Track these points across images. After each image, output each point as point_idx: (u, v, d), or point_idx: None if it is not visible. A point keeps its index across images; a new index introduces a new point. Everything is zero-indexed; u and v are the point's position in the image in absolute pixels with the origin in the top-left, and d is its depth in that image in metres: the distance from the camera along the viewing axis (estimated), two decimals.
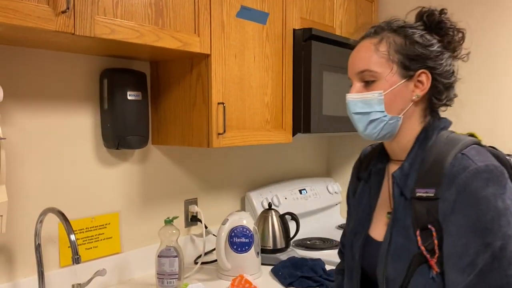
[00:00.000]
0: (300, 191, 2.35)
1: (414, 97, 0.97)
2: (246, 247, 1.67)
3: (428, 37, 0.97)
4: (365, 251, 1.03)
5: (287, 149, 2.44)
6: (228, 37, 1.58)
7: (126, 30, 1.27)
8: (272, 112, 1.80)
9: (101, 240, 1.59)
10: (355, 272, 1.04)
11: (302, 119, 1.88)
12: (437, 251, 0.88)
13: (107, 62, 1.59)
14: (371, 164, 1.09)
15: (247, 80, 1.67)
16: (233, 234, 1.68)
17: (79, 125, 1.53)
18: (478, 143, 0.94)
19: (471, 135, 0.98)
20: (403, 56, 0.96)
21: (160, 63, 1.68)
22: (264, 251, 1.85)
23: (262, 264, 1.78)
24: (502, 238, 0.82)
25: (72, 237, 1.27)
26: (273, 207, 2.03)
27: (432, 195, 0.88)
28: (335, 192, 2.53)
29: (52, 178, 1.47)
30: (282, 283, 1.62)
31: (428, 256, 0.88)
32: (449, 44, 0.99)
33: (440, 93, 0.99)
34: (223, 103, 1.55)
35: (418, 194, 0.91)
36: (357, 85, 1.00)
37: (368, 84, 0.98)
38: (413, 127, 0.99)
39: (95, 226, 1.57)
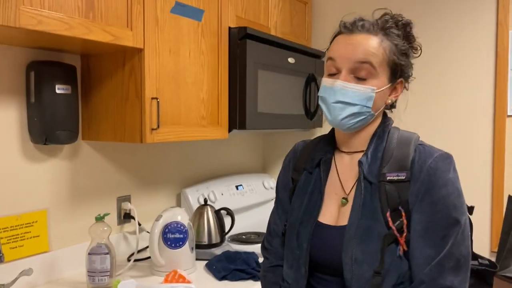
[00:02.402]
0: (237, 187, 2.38)
1: (389, 101, 1.06)
2: (180, 243, 1.68)
3: (407, 46, 1.05)
4: (316, 237, 1.04)
5: (224, 146, 2.47)
6: (163, 31, 1.58)
7: (54, 21, 1.24)
8: (208, 108, 1.81)
9: (27, 238, 1.53)
10: (303, 261, 1.04)
11: (238, 116, 1.91)
12: (405, 230, 0.95)
13: (35, 54, 1.53)
14: (317, 155, 1.12)
15: (182, 75, 1.67)
16: (167, 230, 1.68)
17: (4, 119, 1.46)
18: None
19: None
20: (395, 62, 1.02)
21: (92, 57, 1.64)
22: (199, 246, 1.86)
23: (197, 259, 1.80)
24: (464, 213, 0.97)
25: None
26: (209, 203, 2.05)
27: (403, 178, 0.97)
28: (271, 188, 2.59)
29: None
30: (216, 276, 1.64)
31: (398, 235, 0.95)
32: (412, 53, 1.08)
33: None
34: (157, 98, 1.54)
35: (389, 178, 0.97)
36: (347, 76, 1.00)
37: (362, 76, 0.99)
38: (375, 124, 1.07)
39: (21, 224, 1.51)
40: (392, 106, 1.11)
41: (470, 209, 1.10)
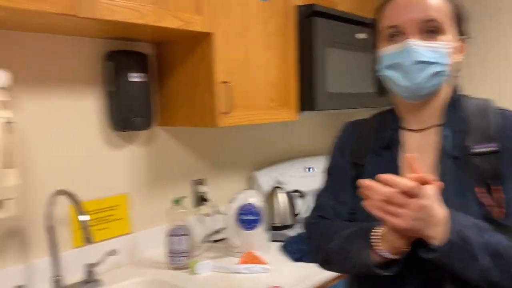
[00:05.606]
0: (308, 169, 2.35)
1: (456, 60, 0.96)
2: (254, 224, 1.69)
3: None
4: None
5: (294, 128, 2.44)
6: (230, 14, 1.57)
7: (126, 10, 1.27)
8: (277, 90, 1.79)
9: (111, 221, 1.62)
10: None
11: (307, 97, 1.87)
12: (500, 205, 0.87)
13: (110, 44, 1.59)
14: (384, 135, 1.04)
15: (251, 58, 1.66)
16: (241, 212, 1.70)
17: (86, 108, 1.55)
18: None
19: None
20: (459, 16, 0.95)
21: (163, 44, 1.68)
22: (272, 228, 1.87)
23: (271, 240, 1.80)
24: None
25: (83, 217, 1.29)
26: (280, 185, 2.05)
27: (495, 148, 0.90)
28: None
29: (62, 161, 1.49)
30: (291, 258, 1.64)
31: (490, 209, 0.87)
32: None
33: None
34: (227, 82, 1.55)
35: (478, 150, 0.90)
36: (416, 35, 0.92)
37: (431, 35, 0.91)
38: (445, 89, 0.98)
39: (105, 208, 1.60)
40: (457, 70, 0.98)
41: None
